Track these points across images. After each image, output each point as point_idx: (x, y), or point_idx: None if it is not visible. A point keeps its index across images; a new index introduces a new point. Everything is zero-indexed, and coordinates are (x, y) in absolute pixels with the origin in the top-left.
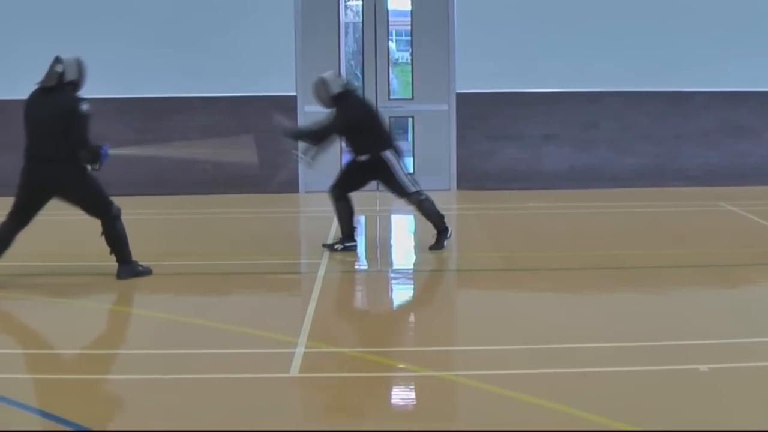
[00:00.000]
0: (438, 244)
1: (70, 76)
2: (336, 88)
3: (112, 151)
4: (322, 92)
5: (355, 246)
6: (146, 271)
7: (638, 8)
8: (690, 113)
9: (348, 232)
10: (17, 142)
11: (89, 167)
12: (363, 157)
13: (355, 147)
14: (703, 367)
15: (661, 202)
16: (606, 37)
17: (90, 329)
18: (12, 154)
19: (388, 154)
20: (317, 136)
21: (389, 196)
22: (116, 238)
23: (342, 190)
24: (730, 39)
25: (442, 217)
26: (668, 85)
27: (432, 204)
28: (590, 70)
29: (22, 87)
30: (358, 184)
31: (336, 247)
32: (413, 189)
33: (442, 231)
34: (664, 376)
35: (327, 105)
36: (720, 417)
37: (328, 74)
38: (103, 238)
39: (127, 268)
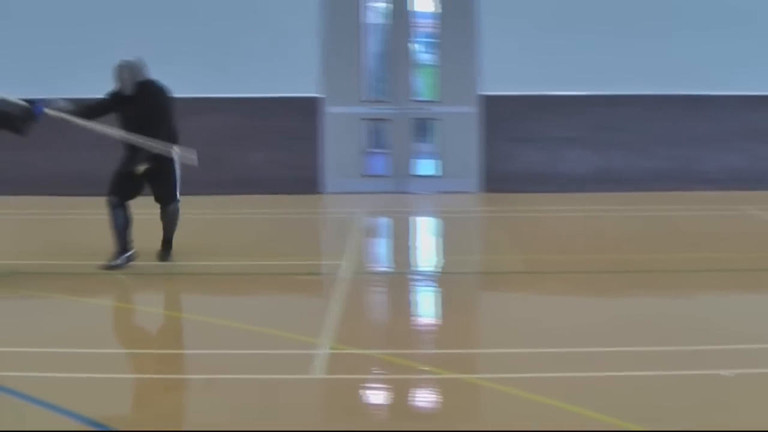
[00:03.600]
0: (164, 254)
1: None
2: (141, 75)
3: (50, 112)
4: (127, 76)
5: (135, 254)
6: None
7: (659, 12)
8: (710, 116)
9: (124, 245)
10: (46, 142)
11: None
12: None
13: (154, 137)
14: (724, 372)
15: (681, 205)
16: (627, 41)
17: (111, 328)
18: (41, 151)
19: (176, 153)
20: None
21: (415, 198)
22: None
23: (122, 196)
24: (751, 42)
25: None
26: (688, 88)
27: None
28: (611, 74)
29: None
30: (138, 187)
31: (117, 263)
32: (179, 197)
33: (166, 244)
34: (685, 381)
35: (129, 89)
36: (740, 422)
37: (134, 59)
38: None
39: None
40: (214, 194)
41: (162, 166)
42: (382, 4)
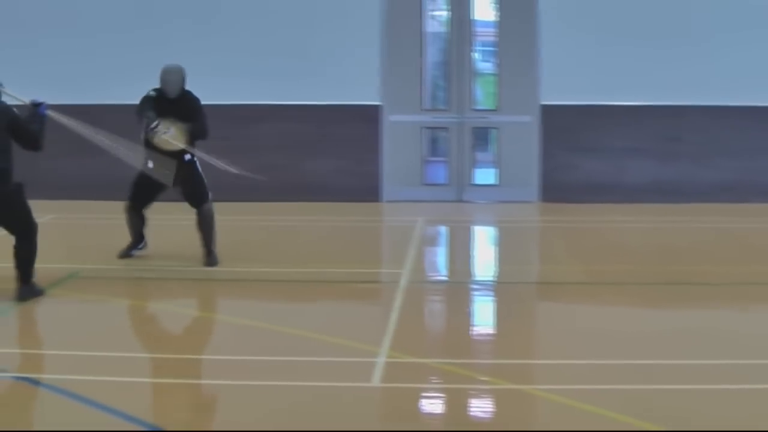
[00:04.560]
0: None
1: None
2: (185, 82)
3: (49, 112)
4: (180, 81)
5: (146, 245)
6: (41, 291)
7: (723, 23)
8: None
9: (140, 237)
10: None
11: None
12: (188, 157)
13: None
14: None
15: (744, 217)
16: (690, 51)
17: (171, 333)
18: (98, 157)
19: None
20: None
21: (475, 207)
22: (31, 258)
23: (139, 203)
24: None
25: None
26: (753, 99)
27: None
28: (674, 84)
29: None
30: (154, 194)
31: (133, 253)
32: (210, 196)
33: (209, 253)
34: (746, 395)
35: (175, 93)
36: None
37: (180, 66)
38: (16, 253)
39: (29, 288)
40: (274, 201)
41: (185, 169)
42: (443, 13)
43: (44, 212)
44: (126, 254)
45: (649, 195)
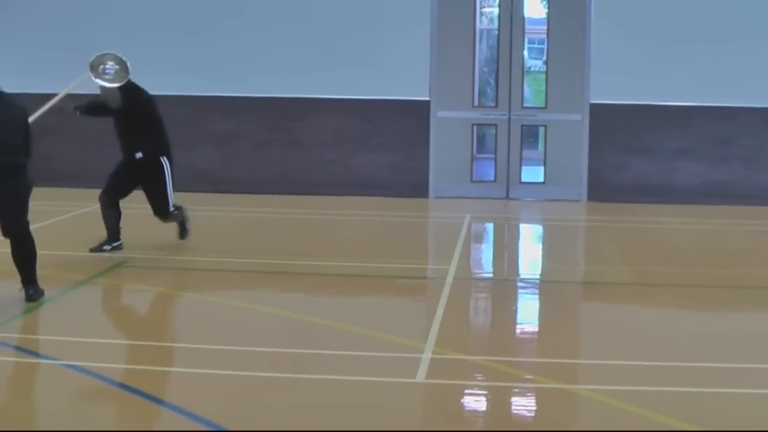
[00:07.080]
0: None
1: None
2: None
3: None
4: (117, 94)
5: (121, 245)
6: (43, 292)
7: None
8: None
9: (115, 235)
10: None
11: None
12: (138, 155)
13: (135, 141)
14: None
15: None
16: (743, 52)
17: (216, 325)
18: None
19: (164, 159)
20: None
21: (522, 204)
22: (34, 258)
23: (113, 197)
24: None
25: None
26: None
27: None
28: (726, 86)
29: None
30: (127, 189)
31: (104, 248)
32: (173, 207)
33: (183, 229)
34: None
35: (117, 98)
36: None
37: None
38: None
39: (37, 287)
40: (321, 194)
41: (152, 174)
42: (493, 10)
43: (93, 201)
44: (98, 249)
45: (699, 197)
